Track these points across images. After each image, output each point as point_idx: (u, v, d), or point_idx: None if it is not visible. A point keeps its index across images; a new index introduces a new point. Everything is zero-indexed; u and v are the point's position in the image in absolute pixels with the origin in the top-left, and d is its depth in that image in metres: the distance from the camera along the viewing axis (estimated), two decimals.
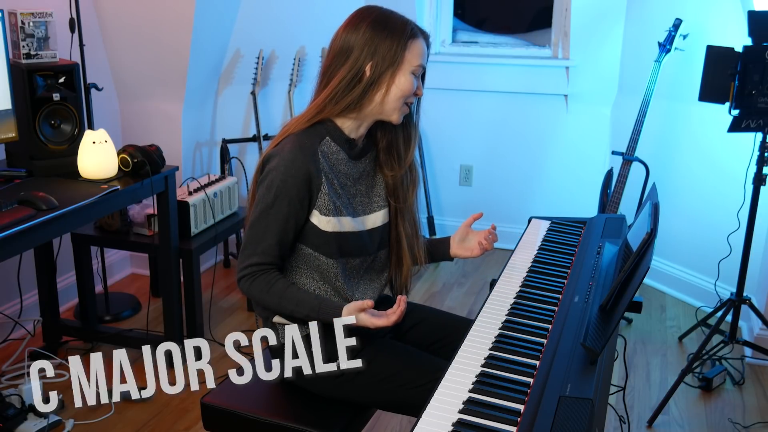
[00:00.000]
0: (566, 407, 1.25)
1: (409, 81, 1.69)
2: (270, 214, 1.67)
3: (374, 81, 1.67)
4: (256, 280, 1.68)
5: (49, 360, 2.87)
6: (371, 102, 1.70)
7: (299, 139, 1.69)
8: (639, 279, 1.37)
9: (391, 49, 1.66)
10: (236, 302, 3.52)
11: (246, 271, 1.69)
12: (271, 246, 1.68)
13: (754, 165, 2.71)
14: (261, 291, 1.68)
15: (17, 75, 2.47)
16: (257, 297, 1.71)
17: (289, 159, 1.66)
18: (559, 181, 4.16)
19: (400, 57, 1.67)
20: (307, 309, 1.66)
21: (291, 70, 3.82)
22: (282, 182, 1.65)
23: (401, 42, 1.67)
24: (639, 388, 2.88)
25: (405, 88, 1.69)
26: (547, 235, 2.13)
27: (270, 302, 1.70)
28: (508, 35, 4.30)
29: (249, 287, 1.69)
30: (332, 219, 1.71)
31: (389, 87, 1.68)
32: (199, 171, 3.81)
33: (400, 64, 1.67)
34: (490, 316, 1.66)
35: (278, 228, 1.67)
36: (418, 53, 1.69)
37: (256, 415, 1.72)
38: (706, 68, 2.70)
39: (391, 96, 1.69)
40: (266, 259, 1.68)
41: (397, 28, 1.68)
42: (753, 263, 2.93)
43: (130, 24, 3.40)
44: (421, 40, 1.71)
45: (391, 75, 1.68)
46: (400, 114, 1.73)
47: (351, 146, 1.76)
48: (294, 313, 1.68)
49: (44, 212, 2.14)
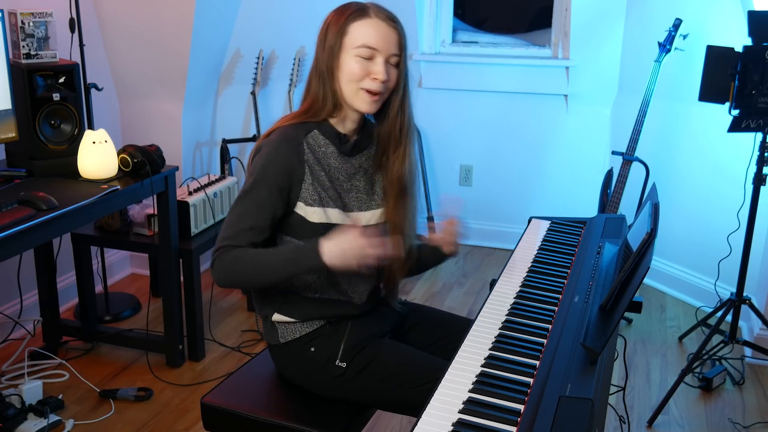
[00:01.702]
0: (566, 407, 1.25)
1: (352, 63, 1.65)
2: (247, 199, 1.66)
3: (327, 71, 1.67)
4: (226, 256, 1.62)
5: (49, 360, 2.88)
6: (338, 93, 1.70)
7: (285, 131, 1.70)
8: (639, 279, 1.37)
9: (333, 37, 1.66)
10: (236, 302, 3.52)
11: (217, 254, 1.64)
12: (244, 230, 1.64)
13: (754, 165, 2.71)
14: (232, 263, 1.61)
15: (17, 75, 2.47)
16: (229, 273, 1.62)
17: (273, 148, 1.67)
18: (559, 181, 4.16)
19: (339, 42, 1.66)
20: (286, 266, 1.60)
21: (291, 70, 3.82)
22: (263, 168, 1.66)
23: (339, 27, 1.66)
24: (639, 388, 2.88)
25: (349, 71, 1.66)
26: (547, 235, 2.13)
27: (244, 272, 1.62)
28: (508, 35, 4.30)
29: (219, 266, 1.62)
30: (318, 209, 1.70)
31: (339, 75, 1.67)
32: (199, 171, 3.81)
33: (339, 49, 1.66)
34: (490, 316, 1.66)
35: (254, 213, 1.65)
36: (362, 33, 1.64)
37: (256, 415, 1.72)
38: (706, 68, 2.70)
39: (343, 83, 1.68)
40: (237, 242, 1.63)
41: (341, 14, 1.67)
42: (753, 263, 2.93)
43: (130, 24, 3.40)
44: (372, 20, 1.65)
45: (337, 63, 1.67)
46: (364, 101, 1.68)
47: (341, 141, 1.75)
48: (274, 278, 1.61)
49: (44, 212, 2.14)
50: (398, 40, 1.68)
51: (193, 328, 2.93)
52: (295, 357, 1.78)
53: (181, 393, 2.74)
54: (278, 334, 1.79)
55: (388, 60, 1.67)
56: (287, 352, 1.79)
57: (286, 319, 1.77)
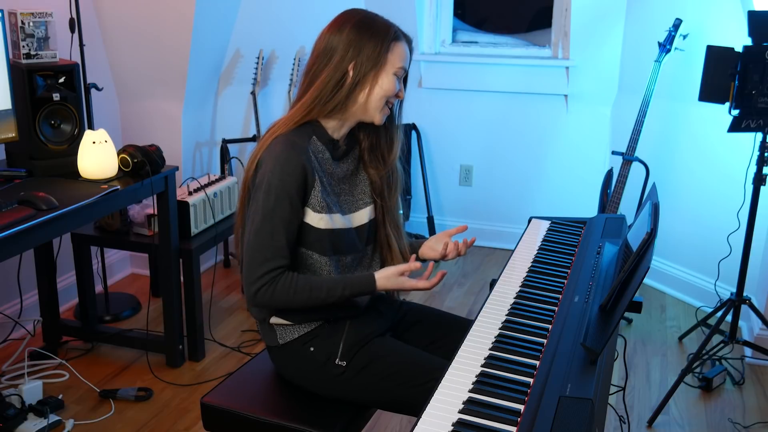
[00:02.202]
0: (566, 407, 1.25)
1: (391, 82, 1.71)
2: (275, 217, 1.66)
3: (358, 82, 1.70)
4: (279, 285, 1.65)
5: (49, 360, 2.88)
6: (355, 103, 1.72)
7: (290, 139, 1.70)
8: (639, 279, 1.37)
9: (375, 50, 1.69)
10: (236, 302, 3.52)
11: (264, 280, 1.65)
12: (283, 247, 1.67)
13: (754, 165, 2.71)
14: (287, 293, 1.66)
15: (17, 75, 2.47)
16: (284, 301, 1.67)
17: (283, 159, 1.66)
18: (559, 181, 4.16)
19: (383, 58, 1.70)
20: (339, 291, 1.68)
21: (291, 70, 3.82)
22: (280, 182, 1.65)
23: (384, 43, 1.69)
24: (639, 388, 2.88)
25: (387, 89, 1.71)
26: (547, 235, 2.13)
27: (299, 301, 1.67)
28: (508, 35, 4.30)
29: (272, 295, 1.65)
30: (325, 216, 1.71)
31: (372, 88, 1.71)
32: (199, 171, 3.81)
33: (383, 65, 1.70)
34: (490, 316, 1.66)
35: (284, 229, 1.67)
36: (400, 55, 1.72)
37: (256, 415, 1.72)
38: (706, 68, 2.70)
39: (374, 96, 1.71)
40: (281, 262, 1.66)
41: (380, 29, 1.71)
42: (753, 263, 2.93)
43: (130, 24, 3.40)
44: (404, 43, 1.74)
45: (374, 76, 1.70)
46: (382, 115, 1.76)
47: (334, 147, 1.78)
48: (326, 301, 1.68)
49: (44, 212, 2.14)
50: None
51: (193, 328, 2.93)
52: (295, 357, 1.78)
53: (181, 393, 2.74)
54: (277, 336, 1.79)
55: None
56: (286, 352, 1.79)
57: (284, 322, 1.77)
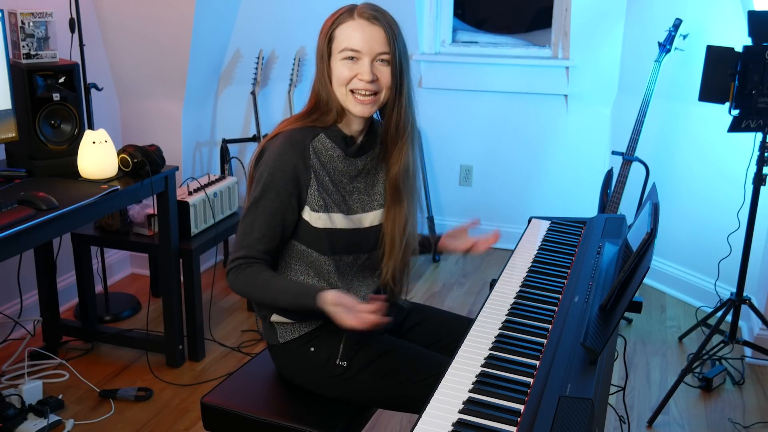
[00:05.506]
0: (566, 407, 1.25)
1: (340, 68, 1.66)
2: (258, 207, 1.67)
3: (322, 77, 1.69)
4: (242, 274, 1.67)
5: (49, 360, 2.88)
6: (337, 98, 1.70)
7: (291, 134, 1.70)
8: (639, 279, 1.37)
9: (321, 42, 1.69)
10: (236, 302, 3.52)
11: (234, 264, 1.68)
12: (257, 240, 1.67)
13: (754, 165, 2.71)
14: (246, 283, 1.67)
15: (17, 75, 2.47)
16: (242, 289, 1.69)
17: (278, 152, 1.67)
18: (559, 181, 4.16)
19: (327, 48, 1.68)
20: (290, 296, 1.65)
21: (291, 70, 3.82)
22: (270, 175, 1.66)
23: (326, 33, 1.68)
24: (639, 388, 2.88)
25: (339, 76, 1.67)
26: (547, 235, 2.13)
27: (256, 295, 1.69)
28: (508, 35, 4.30)
29: (234, 280, 1.68)
30: (322, 215, 1.71)
31: (331, 80, 1.69)
32: (199, 171, 3.81)
33: (329, 54, 1.68)
34: (490, 316, 1.66)
35: (264, 221, 1.67)
36: (345, 37, 1.65)
37: (256, 415, 1.72)
38: (706, 68, 2.70)
39: (335, 87, 1.69)
40: (251, 252, 1.67)
41: (329, 19, 1.69)
42: (753, 263, 2.93)
43: (130, 24, 3.40)
44: (354, 23, 1.64)
45: (327, 68, 1.69)
46: (354, 104, 1.68)
47: (348, 143, 1.75)
48: (277, 302, 1.67)
49: (44, 212, 2.14)
50: (384, 37, 1.65)
51: (193, 328, 2.93)
52: (295, 357, 1.78)
53: (181, 393, 2.74)
54: (277, 334, 1.79)
55: (376, 59, 1.66)
56: (287, 351, 1.79)
57: (285, 320, 1.77)
